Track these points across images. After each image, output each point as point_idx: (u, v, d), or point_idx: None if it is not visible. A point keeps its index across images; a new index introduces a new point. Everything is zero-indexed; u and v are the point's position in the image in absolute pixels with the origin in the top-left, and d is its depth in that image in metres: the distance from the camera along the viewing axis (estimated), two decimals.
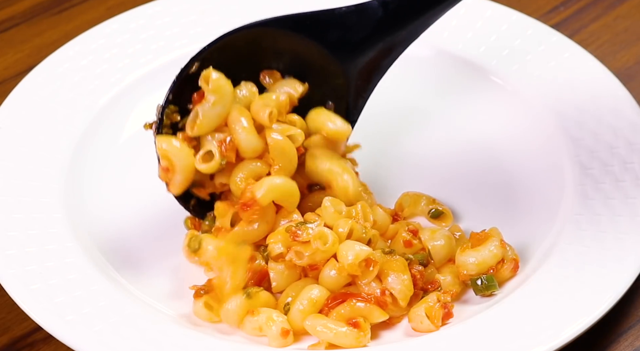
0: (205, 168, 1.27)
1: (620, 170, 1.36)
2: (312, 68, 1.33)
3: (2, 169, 1.36)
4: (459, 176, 1.43)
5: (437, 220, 1.36)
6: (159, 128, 1.29)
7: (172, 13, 1.57)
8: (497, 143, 1.46)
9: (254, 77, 1.33)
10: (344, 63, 1.33)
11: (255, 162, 1.29)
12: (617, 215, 1.30)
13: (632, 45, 1.64)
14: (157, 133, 1.29)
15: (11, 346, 1.27)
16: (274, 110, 1.28)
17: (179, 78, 1.29)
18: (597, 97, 1.44)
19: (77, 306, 1.22)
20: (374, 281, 1.24)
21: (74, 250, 1.29)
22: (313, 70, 1.33)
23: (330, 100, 1.34)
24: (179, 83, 1.29)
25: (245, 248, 1.26)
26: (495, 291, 1.27)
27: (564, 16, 1.69)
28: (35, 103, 1.45)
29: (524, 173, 1.42)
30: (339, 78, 1.34)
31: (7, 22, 1.69)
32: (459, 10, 1.57)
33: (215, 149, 1.27)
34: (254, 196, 1.25)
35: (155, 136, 1.28)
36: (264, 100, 1.29)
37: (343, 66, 1.33)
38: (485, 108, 1.50)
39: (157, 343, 1.19)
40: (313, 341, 1.23)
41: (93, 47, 1.53)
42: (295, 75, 1.33)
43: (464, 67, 1.53)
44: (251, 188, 1.26)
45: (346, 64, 1.33)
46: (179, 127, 1.29)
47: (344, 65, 1.33)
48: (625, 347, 1.26)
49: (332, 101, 1.34)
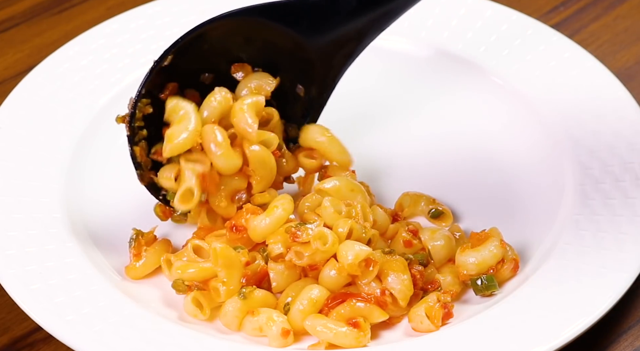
0: (186, 207, 1.28)
1: (620, 170, 1.36)
2: (284, 54, 1.34)
3: (2, 169, 1.36)
4: (459, 176, 1.43)
5: (437, 220, 1.36)
6: (131, 121, 1.29)
7: (172, 13, 1.57)
8: (497, 144, 1.46)
9: (228, 67, 1.34)
10: (314, 48, 1.34)
11: (232, 178, 1.30)
12: (617, 215, 1.30)
13: (632, 45, 1.64)
14: (128, 126, 1.29)
15: (11, 346, 1.27)
16: (255, 126, 1.28)
17: (152, 71, 1.29)
18: (597, 97, 1.45)
19: (77, 306, 1.22)
20: (374, 281, 1.24)
21: (74, 250, 1.29)
22: (285, 56, 1.34)
23: (300, 84, 1.36)
24: (152, 76, 1.29)
25: (242, 253, 1.26)
26: (495, 291, 1.27)
27: (564, 16, 1.69)
28: (35, 103, 1.45)
29: (524, 173, 1.42)
30: (310, 63, 1.35)
31: (7, 22, 1.69)
32: (459, 10, 1.58)
33: (195, 186, 1.27)
34: (247, 227, 1.28)
35: (131, 147, 1.29)
36: (240, 106, 1.29)
37: (313, 51, 1.34)
38: (485, 108, 1.50)
39: (157, 343, 1.19)
40: (313, 341, 1.23)
41: (93, 47, 1.53)
42: (267, 62, 1.34)
43: (464, 67, 1.53)
44: (249, 219, 1.28)
45: (316, 49, 1.34)
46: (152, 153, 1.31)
47: (315, 51, 1.34)
48: (625, 347, 1.26)
49: (302, 85, 1.36)
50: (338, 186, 1.30)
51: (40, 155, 1.39)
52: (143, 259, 1.29)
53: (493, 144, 1.46)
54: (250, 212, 1.29)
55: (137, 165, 1.30)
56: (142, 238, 1.30)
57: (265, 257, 1.27)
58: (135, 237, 1.30)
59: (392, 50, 1.55)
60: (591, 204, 1.33)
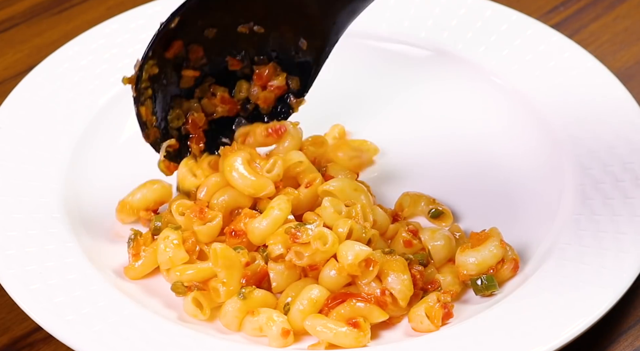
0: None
1: (620, 170, 1.36)
2: (289, 9, 1.35)
3: (2, 169, 1.36)
4: (459, 176, 1.43)
5: (437, 220, 1.36)
6: (137, 84, 1.31)
7: None
8: (497, 143, 1.46)
9: (231, 21, 1.35)
10: (318, 4, 1.35)
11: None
12: (616, 215, 1.30)
13: (632, 45, 1.64)
14: (135, 88, 1.31)
15: (11, 346, 1.27)
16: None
17: (159, 33, 1.31)
18: (597, 97, 1.44)
19: (77, 306, 1.22)
20: (374, 281, 1.24)
21: (74, 250, 1.29)
22: (289, 11, 1.35)
23: (304, 38, 1.37)
24: (158, 38, 1.31)
25: (242, 253, 1.26)
26: (495, 291, 1.27)
27: (564, 16, 1.69)
28: (35, 103, 1.44)
29: (524, 173, 1.42)
30: (314, 18, 1.36)
31: (7, 22, 1.69)
32: (459, 10, 1.58)
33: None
34: (246, 231, 1.28)
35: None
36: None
37: (317, 7, 1.35)
38: (485, 108, 1.50)
39: (157, 343, 1.19)
40: (313, 341, 1.23)
41: (93, 47, 1.53)
42: (271, 16, 1.36)
43: (464, 67, 1.53)
44: (248, 223, 1.28)
45: (321, 5, 1.35)
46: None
47: (319, 7, 1.35)
48: (625, 347, 1.26)
49: (305, 39, 1.37)
50: (342, 186, 1.30)
51: (40, 155, 1.39)
52: (142, 259, 1.29)
53: (493, 144, 1.46)
54: (249, 216, 1.29)
55: (143, 124, 1.33)
56: (141, 239, 1.30)
57: (265, 257, 1.27)
58: (134, 237, 1.30)
59: (392, 50, 1.55)
60: (591, 204, 1.33)
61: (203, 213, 1.29)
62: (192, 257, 1.28)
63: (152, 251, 1.29)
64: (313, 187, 1.32)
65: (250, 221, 1.28)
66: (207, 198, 1.32)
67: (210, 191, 1.32)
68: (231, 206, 1.31)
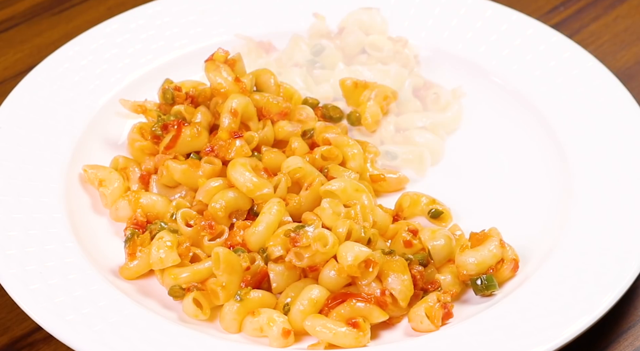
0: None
1: (620, 170, 1.36)
2: None
3: (2, 169, 1.36)
4: (459, 176, 1.43)
5: (437, 220, 1.36)
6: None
7: (172, 13, 1.57)
8: (497, 143, 1.46)
9: None
10: None
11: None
12: (616, 215, 1.30)
13: (632, 45, 1.64)
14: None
15: (11, 346, 1.27)
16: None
17: None
18: (597, 97, 1.45)
19: (77, 306, 1.22)
20: (374, 281, 1.24)
21: (74, 250, 1.29)
22: None
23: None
24: None
25: (243, 257, 1.26)
26: (495, 291, 1.27)
27: (564, 16, 1.69)
28: (35, 103, 1.44)
29: (524, 173, 1.42)
30: None
31: (7, 22, 1.69)
32: (459, 10, 1.58)
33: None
34: (244, 240, 1.29)
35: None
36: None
37: None
38: (485, 108, 1.50)
39: (157, 343, 1.19)
40: (313, 342, 1.23)
41: (93, 47, 1.53)
42: None
43: (464, 67, 1.53)
44: (244, 234, 1.29)
45: None
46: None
47: None
48: (625, 347, 1.26)
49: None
50: (344, 187, 1.30)
51: (40, 155, 1.39)
52: (137, 260, 1.29)
53: (493, 144, 1.46)
54: (242, 228, 1.29)
55: None
56: (138, 239, 1.30)
57: (265, 258, 1.27)
58: (131, 237, 1.30)
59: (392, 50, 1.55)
60: (591, 204, 1.33)
61: (212, 228, 1.29)
62: (185, 260, 1.28)
63: (148, 252, 1.29)
64: (313, 188, 1.32)
65: (246, 231, 1.28)
66: (207, 201, 1.32)
67: (210, 193, 1.32)
68: (230, 208, 1.31)
